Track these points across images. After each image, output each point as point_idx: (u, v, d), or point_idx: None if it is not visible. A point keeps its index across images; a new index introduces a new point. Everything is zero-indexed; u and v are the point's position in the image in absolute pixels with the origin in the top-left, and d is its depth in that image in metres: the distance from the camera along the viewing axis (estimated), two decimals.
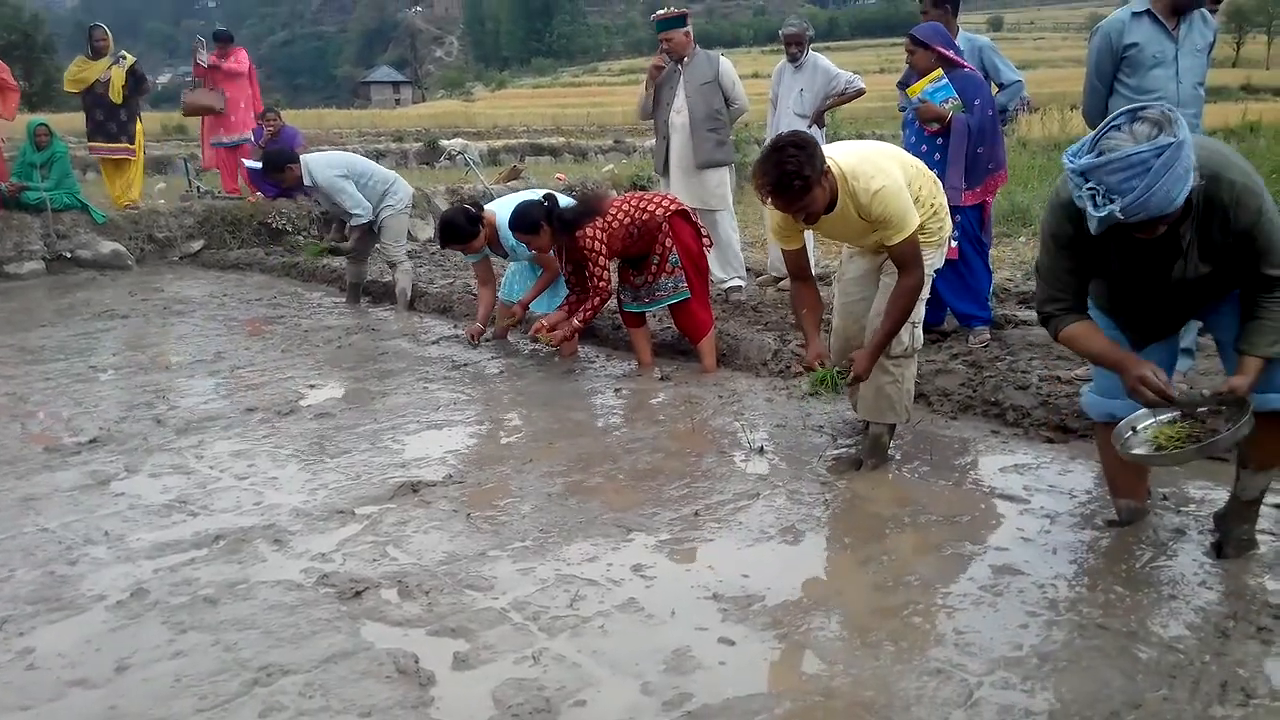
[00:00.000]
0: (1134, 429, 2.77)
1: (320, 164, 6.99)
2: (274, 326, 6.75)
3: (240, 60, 11.01)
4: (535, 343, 5.32)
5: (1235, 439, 2.55)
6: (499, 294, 5.94)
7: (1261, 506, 2.86)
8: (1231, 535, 2.84)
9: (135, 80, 10.05)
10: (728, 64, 6.55)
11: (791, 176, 3.15)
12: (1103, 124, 2.41)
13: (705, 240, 5.27)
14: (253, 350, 6.00)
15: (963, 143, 4.91)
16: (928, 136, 5.03)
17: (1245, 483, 2.80)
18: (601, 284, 4.99)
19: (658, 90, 6.58)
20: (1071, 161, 2.40)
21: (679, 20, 6.42)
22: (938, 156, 4.94)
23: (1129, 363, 2.62)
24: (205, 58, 10.76)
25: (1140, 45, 4.31)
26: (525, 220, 5.09)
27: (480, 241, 5.44)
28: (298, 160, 6.94)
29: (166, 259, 10.20)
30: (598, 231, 4.92)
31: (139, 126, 10.30)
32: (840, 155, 3.42)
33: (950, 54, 5.08)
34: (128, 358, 5.90)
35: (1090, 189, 2.36)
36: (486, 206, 5.60)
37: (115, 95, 9.85)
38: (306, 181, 6.92)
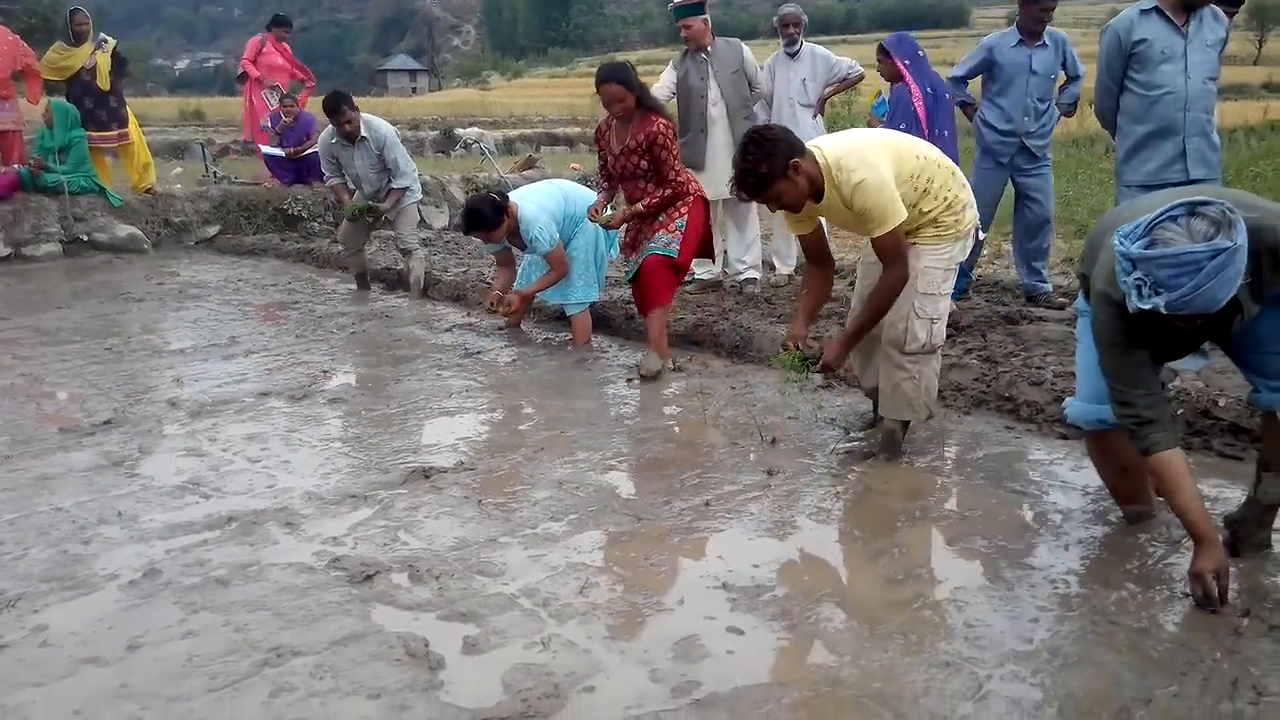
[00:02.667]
0: None
1: (377, 120, 7.07)
2: (288, 312, 6.77)
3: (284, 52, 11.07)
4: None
5: None
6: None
7: None
8: (1248, 539, 2.80)
9: (119, 64, 9.91)
10: (748, 50, 6.57)
11: (746, 174, 3.29)
12: (1160, 211, 2.31)
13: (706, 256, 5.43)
14: (267, 335, 6.03)
15: None
16: (877, 130, 5.56)
17: (1267, 486, 2.75)
18: (680, 177, 4.98)
19: (679, 83, 6.52)
20: (1122, 245, 2.33)
21: (698, 7, 6.37)
22: None
23: (1209, 542, 2.53)
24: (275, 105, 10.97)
25: (1149, 41, 4.34)
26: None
27: (502, 232, 5.39)
28: (354, 107, 6.88)
29: (182, 243, 10.25)
30: (670, 130, 4.91)
31: (130, 110, 10.17)
32: (829, 145, 3.43)
33: (901, 65, 5.62)
34: (143, 341, 5.93)
35: (1137, 280, 2.31)
36: (511, 196, 5.58)
37: (103, 81, 9.71)
38: (363, 133, 6.87)
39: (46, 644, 2.50)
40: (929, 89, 5.57)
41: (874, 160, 3.36)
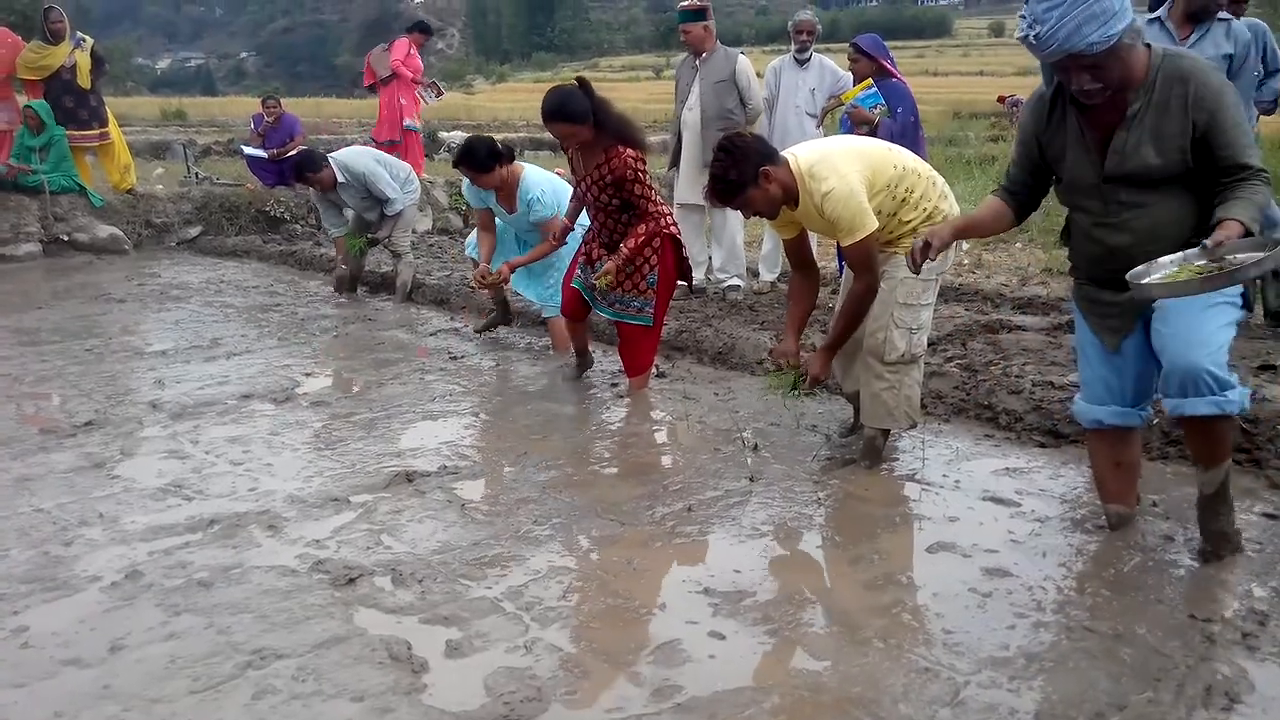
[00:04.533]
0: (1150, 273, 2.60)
1: (354, 156, 6.97)
2: (271, 314, 6.75)
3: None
4: (594, 288, 4.66)
5: (1273, 265, 2.40)
6: (470, 254, 5.80)
7: (1235, 515, 2.87)
8: (1209, 530, 2.86)
9: (96, 63, 9.83)
10: (745, 63, 6.48)
11: (717, 180, 3.36)
12: None
13: (684, 281, 4.95)
14: (249, 337, 6.01)
15: None
16: (858, 138, 5.60)
17: (1200, 478, 2.83)
18: (658, 207, 4.54)
19: (675, 84, 6.61)
20: None
21: (699, 13, 6.42)
22: None
23: (948, 225, 3.00)
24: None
25: None
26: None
27: (493, 179, 5.19)
28: (328, 162, 6.82)
29: (164, 244, 10.20)
30: (640, 163, 4.44)
31: (109, 110, 10.11)
32: (803, 153, 3.48)
33: (886, 64, 5.75)
34: (124, 342, 5.90)
35: (1021, 15, 2.54)
36: (524, 164, 5.45)
37: (84, 80, 9.63)
38: (341, 179, 6.80)
39: (27, 645, 2.50)
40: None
41: (844, 170, 3.38)
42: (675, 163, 6.66)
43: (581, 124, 4.34)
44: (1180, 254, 2.58)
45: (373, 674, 2.34)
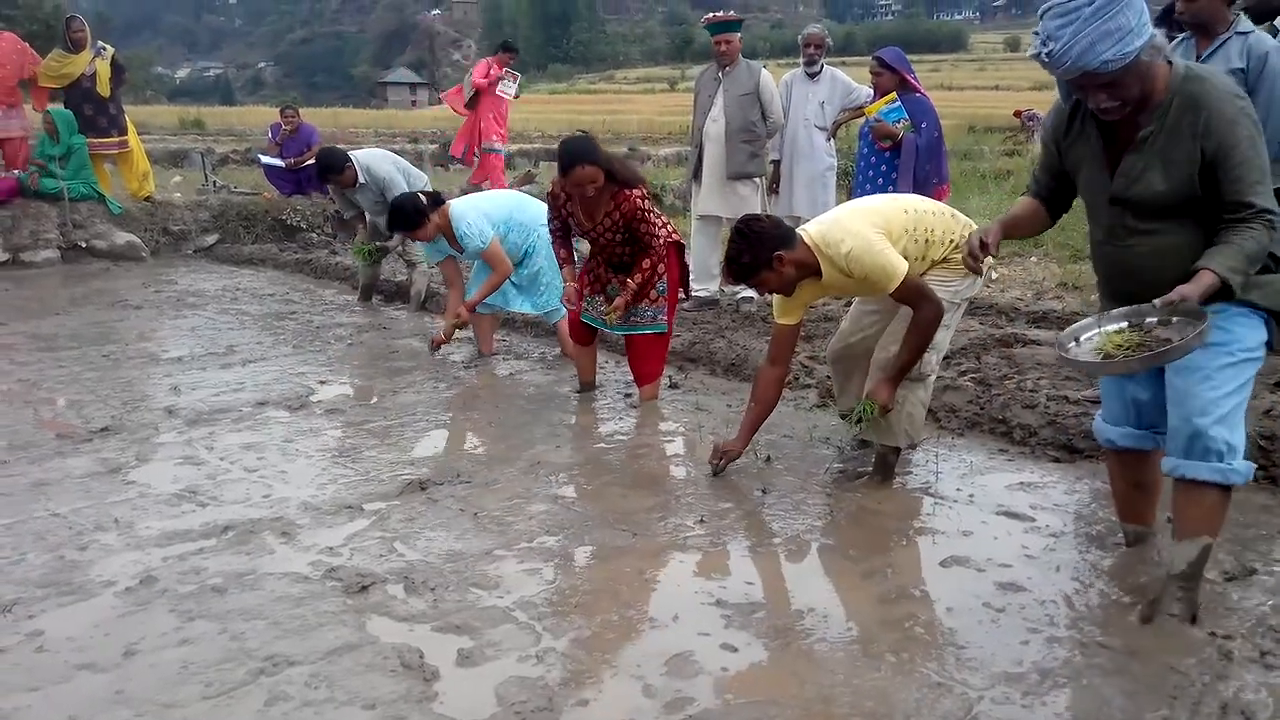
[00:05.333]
0: (1077, 339, 2.63)
1: (376, 159, 6.99)
2: (286, 322, 6.79)
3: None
4: (602, 322, 4.75)
5: (1189, 349, 2.37)
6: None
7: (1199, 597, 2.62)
8: (1157, 607, 2.61)
9: (116, 71, 9.92)
10: (768, 77, 6.52)
11: (731, 261, 3.45)
12: None
13: (685, 292, 5.05)
14: (265, 345, 6.04)
15: (911, 160, 5.56)
16: (880, 151, 5.71)
17: (1173, 551, 2.65)
18: (660, 244, 4.57)
19: (696, 96, 6.63)
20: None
21: (737, 24, 6.48)
22: (884, 169, 5.66)
23: (992, 225, 2.84)
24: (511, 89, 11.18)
25: None
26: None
27: (430, 230, 5.33)
28: (350, 161, 6.83)
29: (180, 252, 10.26)
30: (644, 200, 4.52)
31: (128, 119, 10.20)
32: (813, 227, 3.53)
33: (910, 78, 5.74)
34: (140, 348, 5.94)
35: (1035, 32, 2.46)
36: (450, 201, 5.55)
37: (103, 88, 9.72)
38: (362, 179, 6.81)
39: (43, 649, 2.51)
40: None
41: (854, 227, 3.43)
42: (695, 174, 6.65)
43: (603, 167, 4.40)
44: (1130, 308, 2.56)
45: (385, 682, 2.35)
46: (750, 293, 6.70)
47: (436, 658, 2.46)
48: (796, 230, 3.53)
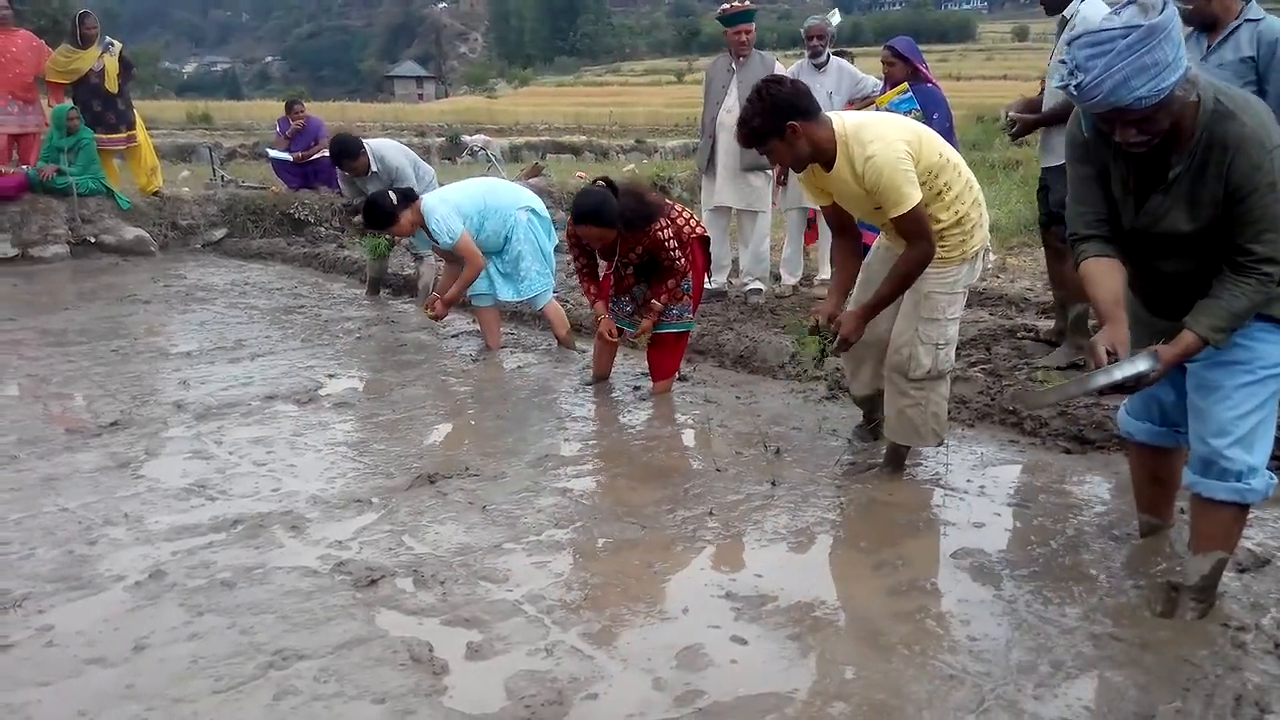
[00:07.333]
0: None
1: (390, 149, 6.99)
2: (295, 316, 6.79)
3: None
4: (624, 342, 4.90)
5: (1108, 380, 2.36)
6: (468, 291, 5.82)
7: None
8: (1171, 614, 2.60)
9: (125, 67, 9.95)
10: (780, 68, 6.54)
11: (743, 123, 3.25)
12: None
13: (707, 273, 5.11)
14: (273, 339, 6.04)
15: None
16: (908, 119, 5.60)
17: (1188, 565, 2.64)
18: (683, 263, 4.60)
19: (708, 87, 6.60)
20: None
21: (753, 13, 6.47)
22: None
23: (1109, 322, 2.45)
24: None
25: None
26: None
27: (405, 225, 5.44)
28: (364, 149, 6.83)
29: (189, 246, 10.28)
30: (665, 230, 4.52)
31: (136, 114, 10.22)
32: (851, 117, 3.36)
33: (922, 69, 5.69)
34: (149, 343, 5.95)
35: (1061, 61, 2.30)
36: (423, 195, 5.61)
37: (111, 84, 9.75)
38: (374, 167, 6.80)
39: (52, 644, 2.51)
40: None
41: (891, 137, 3.22)
42: (708, 166, 6.62)
43: (611, 228, 4.45)
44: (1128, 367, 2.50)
45: (394, 675, 2.34)
46: (759, 284, 6.69)
47: (446, 651, 2.45)
48: (831, 114, 3.34)
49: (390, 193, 5.53)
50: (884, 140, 3.20)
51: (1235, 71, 3.93)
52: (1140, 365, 2.36)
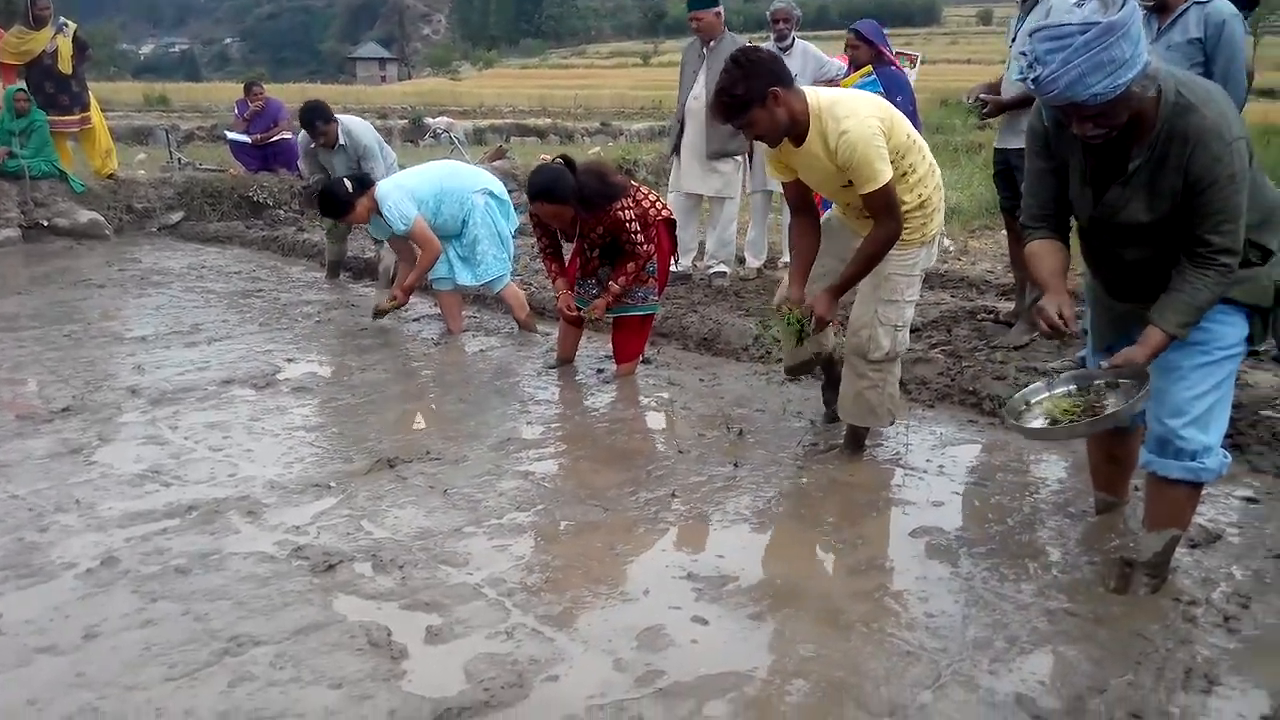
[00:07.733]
0: (1027, 403, 2.68)
1: (360, 126, 6.87)
2: (253, 300, 6.70)
3: None
4: (588, 322, 4.83)
5: (1131, 413, 2.47)
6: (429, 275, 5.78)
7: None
8: (1125, 590, 2.64)
9: (80, 48, 9.74)
10: None
11: (722, 93, 3.15)
12: None
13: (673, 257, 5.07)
14: (230, 323, 5.96)
15: None
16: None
17: (1141, 541, 2.69)
18: (645, 248, 4.58)
19: (681, 71, 6.56)
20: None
21: (710, 0, 6.38)
22: None
23: (1050, 291, 2.53)
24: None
25: None
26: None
27: (360, 214, 5.42)
28: (329, 119, 6.66)
29: (145, 230, 10.09)
30: (626, 210, 4.48)
31: (91, 95, 10.01)
32: (825, 93, 3.32)
33: (886, 52, 5.70)
34: (103, 327, 5.85)
35: (1021, 53, 2.32)
36: (379, 182, 5.58)
37: (64, 66, 9.54)
38: (342, 140, 6.68)
39: (1, 632, 2.46)
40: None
41: (865, 113, 3.21)
42: (675, 150, 6.60)
43: (565, 205, 4.42)
44: (1078, 371, 2.64)
45: (351, 660, 2.32)
46: (723, 267, 6.68)
47: (405, 635, 2.43)
48: (805, 89, 3.30)
49: (345, 180, 5.47)
50: (858, 116, 3.18)
51: (1184, 53, 3.96)
52: (1140, 403, 2.44)
